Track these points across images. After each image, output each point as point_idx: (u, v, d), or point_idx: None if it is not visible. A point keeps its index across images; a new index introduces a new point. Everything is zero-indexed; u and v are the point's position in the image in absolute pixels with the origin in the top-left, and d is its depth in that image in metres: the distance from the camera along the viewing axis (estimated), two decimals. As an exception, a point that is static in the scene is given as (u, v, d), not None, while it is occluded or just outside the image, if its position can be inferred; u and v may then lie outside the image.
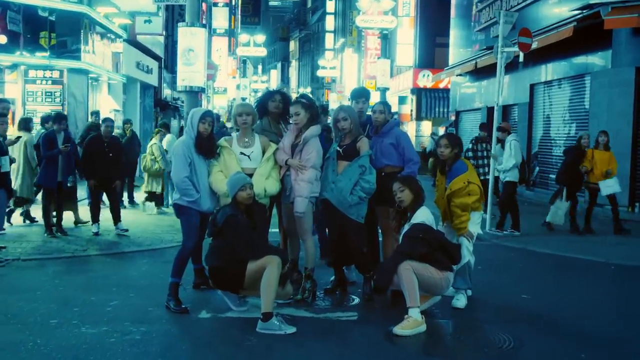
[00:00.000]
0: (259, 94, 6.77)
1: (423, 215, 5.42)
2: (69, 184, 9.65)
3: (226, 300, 5.58)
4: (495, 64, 17.77)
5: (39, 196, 9.98)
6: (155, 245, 8.93)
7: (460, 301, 5.90)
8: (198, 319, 5.45)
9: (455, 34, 24.93)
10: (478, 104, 22.03)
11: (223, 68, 44.07)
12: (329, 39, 55.89)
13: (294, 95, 8.05)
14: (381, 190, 6.05)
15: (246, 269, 5.20)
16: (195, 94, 11.22)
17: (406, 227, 5.50)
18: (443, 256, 5.32)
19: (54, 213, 9.42)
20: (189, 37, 10.65)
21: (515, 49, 11.16)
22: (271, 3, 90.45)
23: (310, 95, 6.37)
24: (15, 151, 9.71)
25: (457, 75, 23.16)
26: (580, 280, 7.59)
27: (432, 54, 29.14)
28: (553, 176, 15.08)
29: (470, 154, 11.67)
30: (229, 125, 12.88)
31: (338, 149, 6.13)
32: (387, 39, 25.00)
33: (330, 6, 55.17)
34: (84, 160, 9.62)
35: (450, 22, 25.29)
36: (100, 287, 6.49)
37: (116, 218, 9.65)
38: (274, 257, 5.20)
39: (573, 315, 5.93)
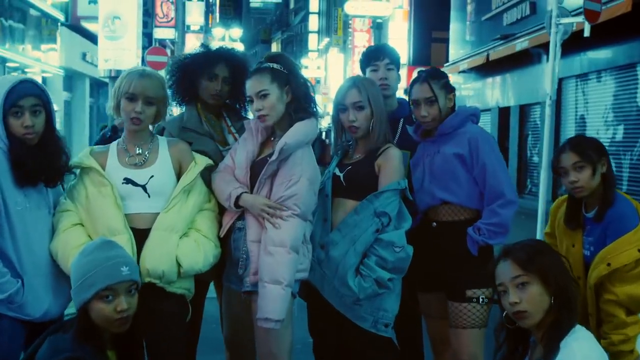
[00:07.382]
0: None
1: (587, 356, 2.00)
2: None
3: None
4: (511, 56, 15.13)
5: None
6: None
7: None
8: None
9: (456, 28, 22.34)
10: (487, 105, 19.37)
11: (198, 68, 41.20)
12: (312, 39, 53.76)
13: None
14: (430, 259, 2.83)
15: None
16: (125, 82, 7.93)
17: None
18: None
19: None
20: (113, -2, 7.41)
21: (578, 19, 8.03)
22: (252, 5, 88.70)
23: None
24: None
25: (459, 73, 20.49)
26: None
27: (427, 49, 26.71)
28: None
29: None
30: None
31: (338, 173, 2.86)
32: (380, 29, 21.97)
33: (313, 5, 52.93)
34: None
35: (450, 14, 22.75)
36: None
37: None
38: None
39: None
